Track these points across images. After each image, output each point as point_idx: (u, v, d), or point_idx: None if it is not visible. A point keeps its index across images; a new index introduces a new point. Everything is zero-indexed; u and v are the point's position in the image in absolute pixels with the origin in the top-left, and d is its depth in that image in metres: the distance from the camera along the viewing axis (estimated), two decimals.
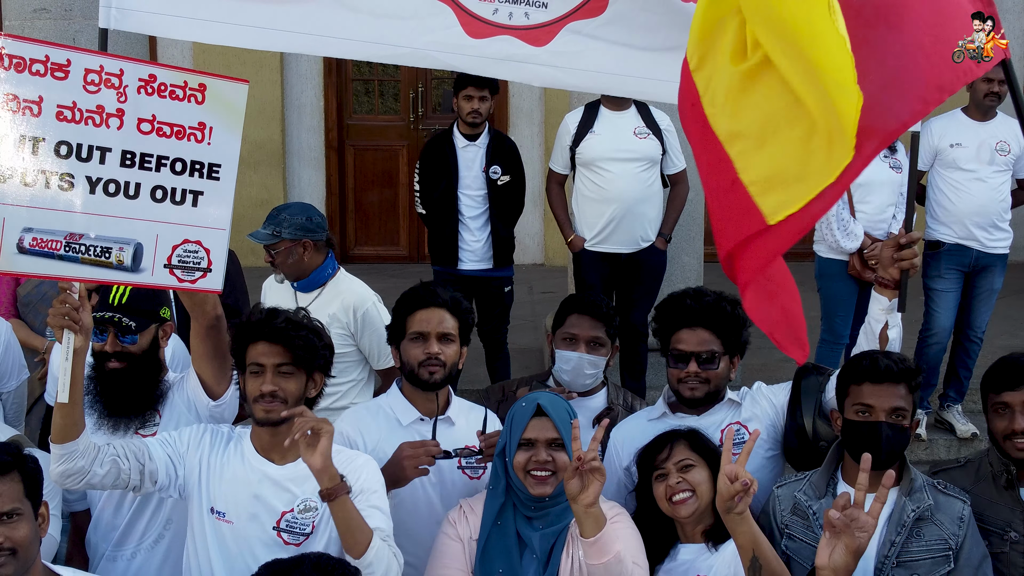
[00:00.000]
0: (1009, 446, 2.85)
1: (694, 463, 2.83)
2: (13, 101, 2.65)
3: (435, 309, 3.09)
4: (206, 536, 2.75)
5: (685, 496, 2.79)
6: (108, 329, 2.98)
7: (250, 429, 2.83)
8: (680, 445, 2.86)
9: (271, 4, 3.01)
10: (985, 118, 5.31)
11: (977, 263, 5.31)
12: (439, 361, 3.04)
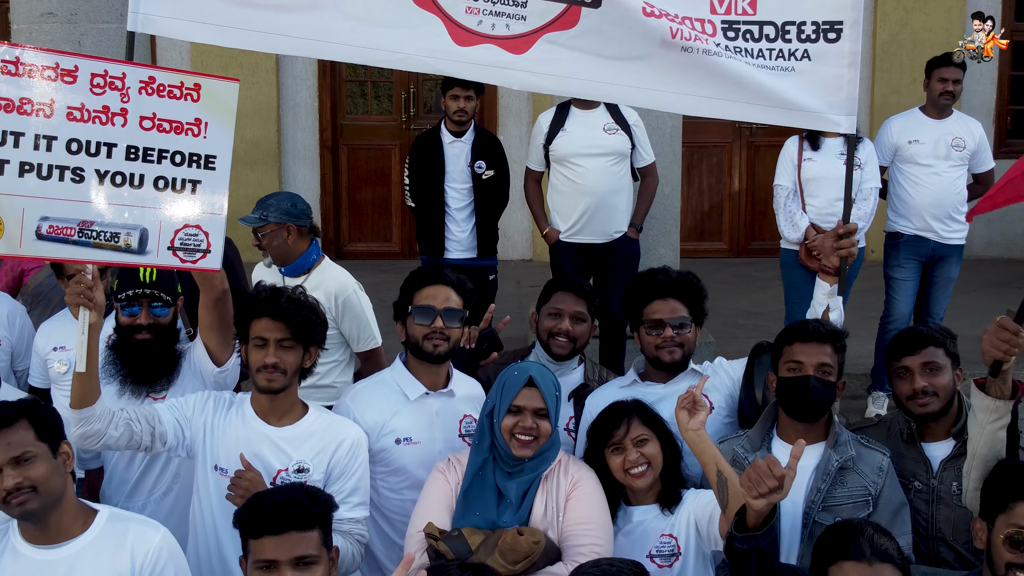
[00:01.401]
0: (912, 405, 3.19)
1: (648, 437, 3.10)
2: (28, 104, 2.98)
3: (441, 286, 3.38)
4: (210, 490, 3.09)
5: (642, 470, 3.06)
6: (142, 304, 3.31)
7: (250, 395, 3.16)
8: (635, 420, 3.11)
9: (279, 12, 3.32)
10: (941, 116, 5.65)
11: (934, 253, 5.64)
12: (444, 335, 3.32)
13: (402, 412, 3.34)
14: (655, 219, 6.01)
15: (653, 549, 3.05)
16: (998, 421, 2.83)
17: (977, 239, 9.48)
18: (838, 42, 3.30)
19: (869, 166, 5.42)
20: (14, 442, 2.57)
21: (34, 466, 2.58)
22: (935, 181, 5.56)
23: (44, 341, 3.92)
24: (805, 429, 3.12)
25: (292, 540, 2.41)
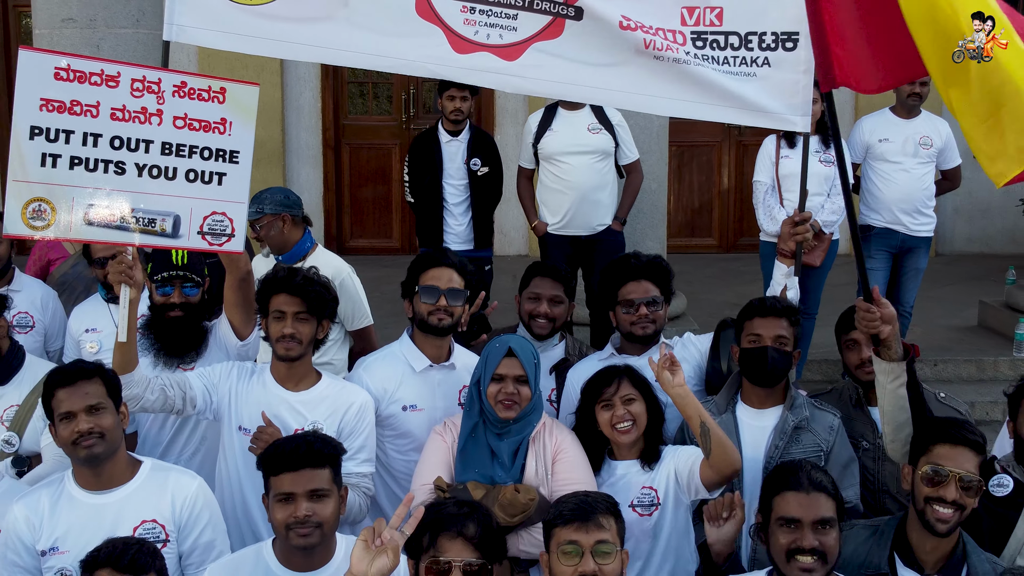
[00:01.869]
0: (859, 373, 3.62)
1: (635, 397, 3.48)
2: (77, 106, 3.40)
3: (445, 268, 3.79)
4: (235, 449, 3.51)
5: (627, 426, 3.46)
6: (174, 284, 3.72)
7: (270, 363, 3.58)
8: (625, 381, 3.51)
9: (296, 23, 3.73)
10: (910, 116, 6.07)
11: (904, 245, 6.07)
12: (447, 312, 3.73)
13: (408, 382, 3.76)
14: (643, 214, 6.42)
15: (635, 499, 3.45)
16: (896, 380, 3.27)
17: (958, 235, 9.94)
18: (795, 51, 3.73)
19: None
20: (90, 393, 3.02)
21: (103, 416, 3.02)
22: (904, 177, 5.99)
23: (77, 324, 4.33)
24: (765, 394, 3.56)
25: (307, 476, 2.83)
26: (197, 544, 3.11)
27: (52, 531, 3.03)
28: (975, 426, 3.06)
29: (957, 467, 2.90)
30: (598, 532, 2.73)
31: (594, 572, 2.71)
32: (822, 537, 2.73)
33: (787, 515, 2.76)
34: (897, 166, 5.98)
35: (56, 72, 3.37)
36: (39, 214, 3.35)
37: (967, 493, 2.90)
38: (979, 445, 2.96)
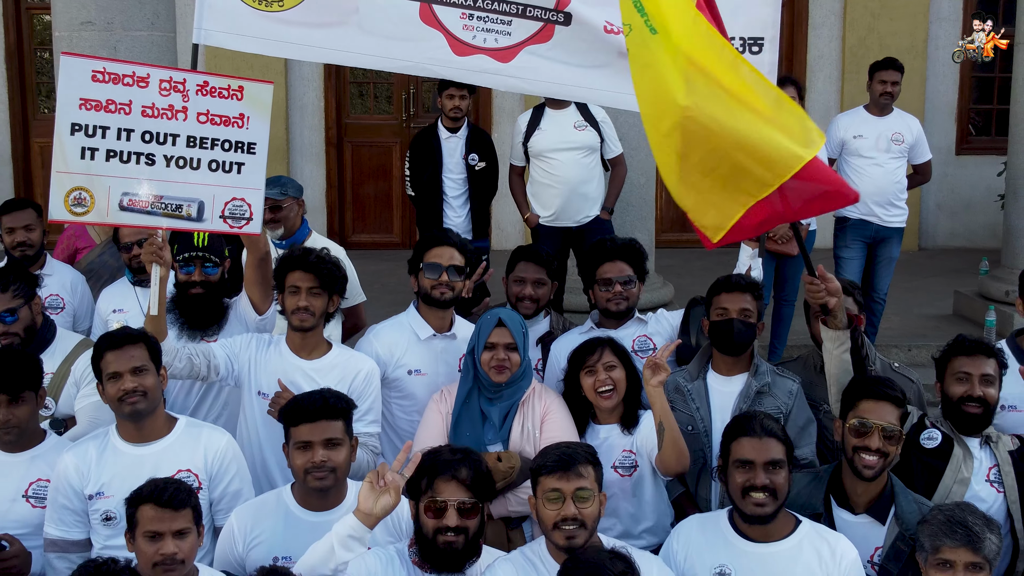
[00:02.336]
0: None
1: (616, 365, 3.90)
2: (111, 104, 3.84)
3: (447, 247, 4.23)
4: (254, 412, 3.95)
5: (608, 391, 3.88)
6: (195, 264, 4.15)
7: (285, 334, 4.02)
8: (607, 350, 3.92)
9: (311, 28, 4.16)
10: (882, 113, 6.51)
11: (877, 235, 6.50)
12: (449, 286, 4.17)
13: (413, 349, 4.20)
14: (632, 207, 6.85)
15: (616, 461, 3.87)
16: (841, 347, 3.70)
17: (941, 230, 10.36)
18: (760, 54, 4.15)
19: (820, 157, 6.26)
20: (135, 356, 3.45)
21: (146, 377, 3.45)
22: (877, 172, 6.42)
23: (105, 304, 4.76)
24: (732, 362, 4.00)
25: (323, 426, 3.26)
26: (226, 492, 3.54)
27: (99, 478, 3.46)
28: (896, 384, 3.49)
29: (879, 419, 3.34)
30: (578, 480, 3.12)
31: (575, 515, 3.09)
32: (772, 476, 3.15)
33: (742, 457, 3.19)
34: (871, 161, 6.41)
35: (93, 74, 3.81)
36: (79, 201, 3.80)
37: (889, 442, 3.33)
38: (899, 400, 3.39)
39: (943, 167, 10.20)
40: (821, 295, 3.62)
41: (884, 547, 3.33)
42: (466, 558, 3.11)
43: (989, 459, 3.65)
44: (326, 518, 3.31)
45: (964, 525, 3.02)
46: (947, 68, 10.05)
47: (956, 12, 10.04)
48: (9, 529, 3.55)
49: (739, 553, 3.21)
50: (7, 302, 4.08)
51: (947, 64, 10.04)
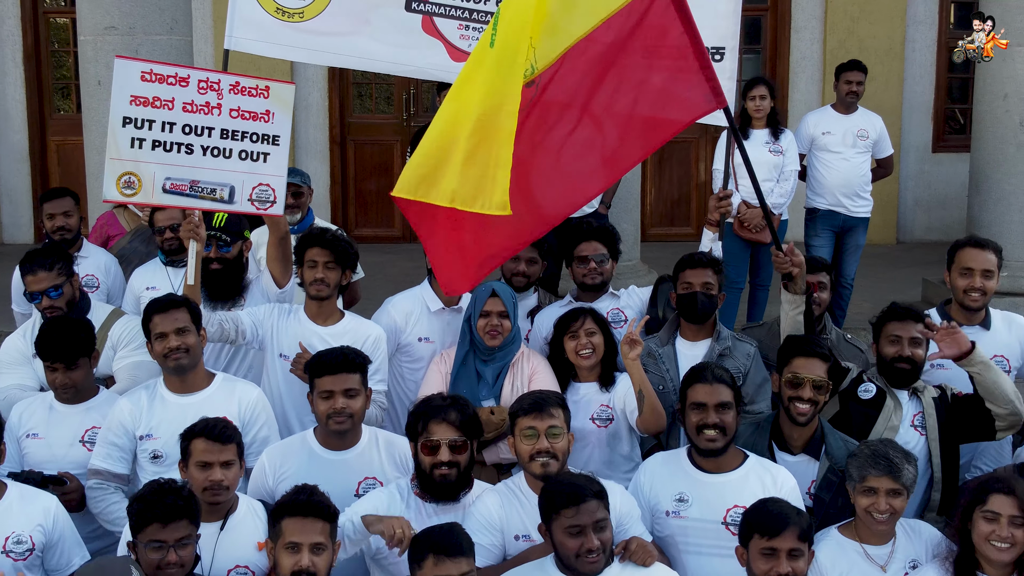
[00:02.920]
0: None
1: (595, 331, 4.52)
2: (157, 101, 4.48)
3: None
4: (276, 372, 4.58)
5: (588, 353, 4.50)
6: (212, 243, 4.77)
7: (304, 303, 4.64)
8: (588, 318, 4.53)
9: (328, 37, 4.79)
10: (848, 112, 7.15)
11: (845, 224, 7.13)
12: None
13: (424, 319, 4.85)
14: (619, 199, 7.47)
15: (594, 414, 4.50)
16: (796, 309, 4.36)
17: (918, 225, 10.96)
18: (722, 61, 4.80)
19: (790, 153, 6.88)
20: (179, 318, 4.08)
21: (188, 336, 4.08)
22: (844, 166, 7.04)
23: (139, 282, 5.37)
24: (697, 329, 4.63)
25: (343, 378, 3.88)
26: (256, 438, 4.16)
27: (148, 422, 4.10)
28: (823, 341, 4.14)
29: (810, 373, 3.97)
30: (550, 419, 3.74)
31: (548, 448, 3.71)
32: (722, 416, 3.78)
33: (696, 400, 3.81)
34: (838, 155, 7.04)
35: (142, 75, 4.46)
36: (129, 184, 4.45)
37: (818, 392, 3.97)
38: (825, 356, 4.04)
39: (920, 164, 10.84)
40: (786, 266, 4.26)
41: (817, 479, 3.96)
42: (459, 489, 3.74)
43: (915, 407, 4.28)
44: (343, 456, 3.97)
45: (886, 457, 3.64)
46: (923, 69, 10.66)
47: (932, 15, 10.63)
48: (67, 469, 4.18)
49: (695, 482, 3.84)
50: (53, 279, 4.70)
51: (923, 65, 10.65)
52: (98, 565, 3.37)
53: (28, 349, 4.72)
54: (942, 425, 4.20)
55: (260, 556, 3.59)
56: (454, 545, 3.27)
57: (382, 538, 3.50)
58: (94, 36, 7.47)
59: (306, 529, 3.32)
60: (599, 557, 3.35)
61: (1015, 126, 7.63)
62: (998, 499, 3.44)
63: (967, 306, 4.61)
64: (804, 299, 4.37)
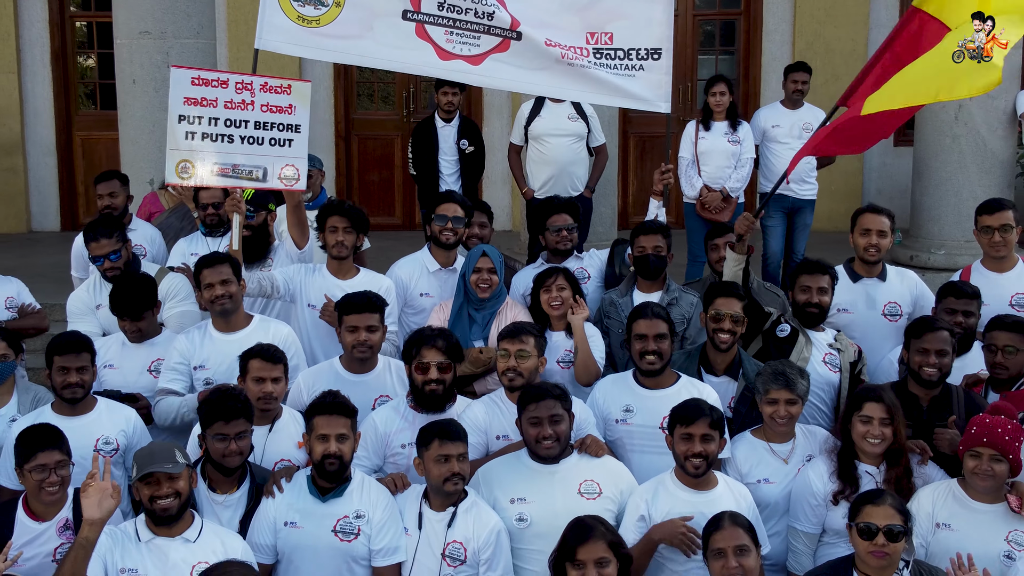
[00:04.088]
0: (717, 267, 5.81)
1: (565, 287, 5.61)
2: (204, 101, 5.64)
3: (451, 203, 6.02)
4: (305, 319, 5.72)
5: (558, 304, 5.58)
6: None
7: (326, 261, 5.79)
8: (560, 276, 5.61)
9: (341, 40, 5.88)
10: (794, 107, 8.31)
11: (794, 206, 8.29)
12: (453, 231, 5.95)
13: (424, 278, 6.01)
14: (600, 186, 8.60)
15: (559, 357, 5.58)
16: (739, 265, 5.50)
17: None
18: (659, 60, 5.97)
19: (747, 143, 8.03)
20: (223, 271, 5.22)
21: (231, 286, 5.23)
22: (791, 155, 8.13)
23: (183, 249, 6.51)
24: (650, 284, 5.79)
25: (366, 316, 5.03)
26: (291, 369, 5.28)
27: (200, 354, 5.26)
28: (739, 286, 5.30)
29: (728, 309, 5.12)
30: (520, 344, 4.88)
31: (515, 367, 4.85)
32: (659, 344, 4.91)
33: (639, 332, 4.95)
34: (786, 146, 8.17)
35: (192, 80, 5.63)
36: (185, 169, 5.62)
37: (736, 324, 5.13)
38: (741, 296, 5.20)
39: (882, 157, 11.98)
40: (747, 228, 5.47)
41: (735, 395, 5.11)
42: (445, 401, 4.87)
43: (827, 348, 5.42)
44: (363, 378, 5.14)
45: (784, 374, 4.77)
46: None
47: (892, 19, 11.70)
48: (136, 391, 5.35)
49: (638, 396, 4.99)
50: (112, 245, 5.85)
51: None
52: (149, 448, 4.41)
53: (92, 301, 5.92)
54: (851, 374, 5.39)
55: (299, 452, 4.73)
56: (453, 431, 4.39)
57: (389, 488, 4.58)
58: (129, 40, 8.59)
59: (332, 423, 4.40)
60: (553, 444, 4.48)
61: (951, 120, 8.82)
62: (871, 405, 4.58)
63: (866, 260, 5.78)
64: (746, 258, 5.52)
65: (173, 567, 4.08)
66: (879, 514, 4.02)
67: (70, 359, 4.85)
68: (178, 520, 4.15)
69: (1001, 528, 4.38)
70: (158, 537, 4.14)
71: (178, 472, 4.11)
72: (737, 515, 4.12)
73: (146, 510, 4.15)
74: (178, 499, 4.12)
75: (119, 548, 4.11)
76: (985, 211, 5.95)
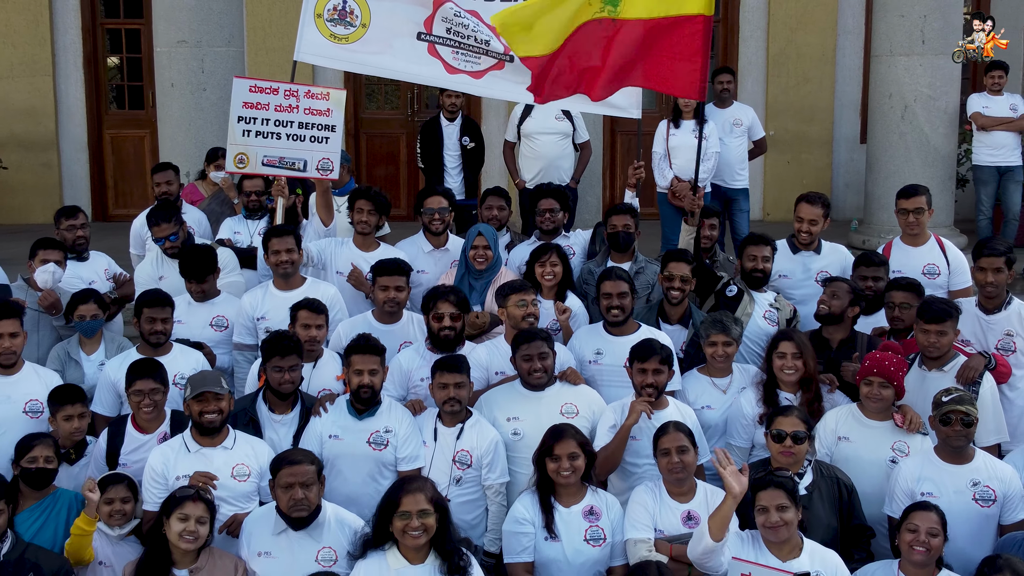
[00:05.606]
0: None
1: (557, 263, 7.04)
2: (259, 104, 7.18)
3: (437, 196, 7.55)
4: (334, 284, 7.20)
5: (550, 278, 7.02)
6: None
7: (352, 236, 7.29)
8: (554, 253, 7.02)
9: (366, 54, 7.41)
10: (724, 106, 9.81)
11: (728, 195, 9.75)
12: (442, 220, 7.46)
13: (420, 257, 7.48)
14: (586, 176, 10.12)
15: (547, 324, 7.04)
16: (690, 235, 7.06)
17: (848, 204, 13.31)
18: None
19: (712, 139, 9.46)
20: (288, 242, 6.75)
21: (293, 254, 6.76)
22: (724, 149, 9.60)
23: (229, 227, 8.04)
24: (621, 256, 7.28)
25: (395, 278, 6.54)
26: (333, 320, 6.72)
27: (262, 308, 6.77)
28: (689, 253, 6.80)
29: (678, 272, 6.64)
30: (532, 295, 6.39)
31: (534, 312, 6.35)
32: (623, 301, 6.40)
33: (605, 291, 6.45)
34: (720, 142, 9.61)
35: (250, 88, 7.17)
36: (241, 161, 7.16)
37: (684, 283, 6.64)
38: (689, 260, 6.71)
39: (850, 153, 13.44)
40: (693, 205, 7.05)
41: (686, 341, 6.61)
42: (455, 344, 6.34)
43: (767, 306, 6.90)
44: (391, 328, 6.64)
45: (721, 321, 6.27)
46: (851, 72, 13.26)
47: (859, 26, 13.18)
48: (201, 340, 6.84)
49: (607, 341, 6.50)
50: (171, 228, 7.35)
51: (851, 69, 13.26)
52: (201, 374, 5.77)
53: (155, 273, 7.40)
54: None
55: (337, 384, 6.22)
56: (450, 365, 5.86)
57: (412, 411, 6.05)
58: (168, 48, 10.03)
59: (366, 360, 5.85)
60: (541, 375, 5.96)
61: (897, 119, 10.30)
62: (784, 344, 6.08)
63: (800, 242, 7.27)
64: (696, 229, 7.07)
65: (216, 470, 5.48)
66: (787, 423, 5.49)
67: (156, 311, 6.33)
68: (219, 432, 5.59)
69: (888, 439, 5.85)
70: (203, 448, 5.56)
71: (223, 393, 5.55)
72: (679, 423, 5.58)
73: (194, 423, 5.57)
74: (220, 415, 5.55)
75: (171, 461, 5.51)
76: (902, 196, 7.46)
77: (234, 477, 5.44)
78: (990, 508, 5.46)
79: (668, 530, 5.36)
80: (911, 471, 5.54)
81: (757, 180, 12.06)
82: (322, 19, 7.43)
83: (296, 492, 4.98)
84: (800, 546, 5.02)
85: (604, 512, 5.42)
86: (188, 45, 9.93)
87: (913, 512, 5.04)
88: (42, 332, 6.84)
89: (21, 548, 5.00)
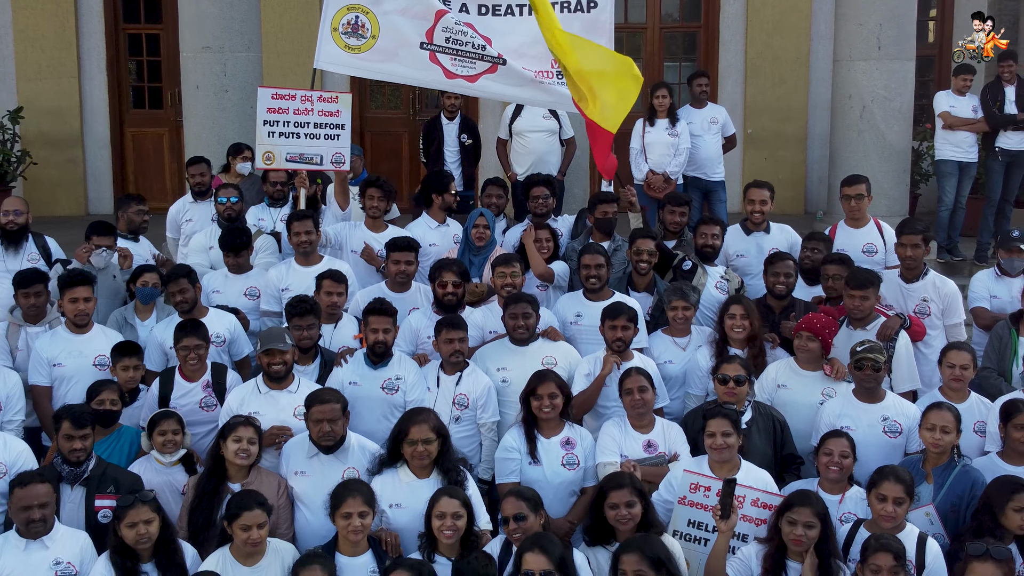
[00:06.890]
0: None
1: (550, 239, 8.47)
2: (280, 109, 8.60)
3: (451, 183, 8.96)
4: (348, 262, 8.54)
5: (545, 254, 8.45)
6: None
7: (364, 220, 8.64)
8: (544, 230, 8.47)
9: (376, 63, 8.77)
10: (701, 106, 11.11)
11: (707, 187, 11.05)
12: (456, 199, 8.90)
13: (428, 233, 8.86)
14: (572, 170, 11.42)
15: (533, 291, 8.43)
16: (638, 221, 8.45)
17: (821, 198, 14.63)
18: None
19: (683, 136, 10.77)
20: (308, 224, 8.11)
21: (312, 235, 8.11)
22: (702, 144, 10.90)
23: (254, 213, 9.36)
24: (603, 236, 8.59)
25: (406, 254, 7.88)
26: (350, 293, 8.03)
27: (287, 280, 8.11)
28: (653, 231, 8.12)
29: (644, 247, 7.97)
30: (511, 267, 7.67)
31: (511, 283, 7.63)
32: (599, 272, 7.72)
33: (584, 263, 7.78)
34: (698, 138, 10.92)
35: (272, 95, 8.58)
36: (268, 158, 8.57)
37: (651, 256, 7.97)
38: (653, 237, 8.04)
39: (822, 149, 14.59)
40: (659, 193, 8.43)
41: (652, 306, 7.94)
42: (456, 308, 7.64)
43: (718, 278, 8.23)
44: (402, 296, 7.94)
45: (680, 289, 7.60)
46: (824, 75, 14.40)
47: (831, 31, 14.35)
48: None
49: (586, 306, 7.82)
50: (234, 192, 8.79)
51: (824, 71, 14.43)
52: (269, 331, 7.05)
53: (207, 243, 8.81)
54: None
55: (354, 342, 7.54)
56: (453, 323, 7.17)
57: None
58: (193, 53, 11.31)
59: (380, 320, 7.16)
60: (524, 331, 7.29)
61: (856, 118, 11.63)
62: (734, 307, 7.40)
63: (753, 222, 8.61)
64: (640, 216, 8.53)
65: (281, 409, 6.79)
66: (730, 368, 6.81)
67: (171, 286, 7.64)
68: (284, 379, 6.89)
69: (819, 386, 7.16)
70: (272, 390, 6.87)
71: (286, 349, 6.86)
72: (640, 368, 6.90)
73: (264, 372, 6.88)
74: (285, 366, 6.85)
75: (245, 399, 6.81)
76: (845, 184, 8.81)
77: (296, 416, 6.69)
78: (897, 439, 6.76)
79: (632, 455, 6.64)
80: (833, 409, 6.85)
81: (736, 175, 13.24)
82: (338, 32, 8.78)
83: (324, 426, 6.26)
84: (739, 466, 6.31)
85: (579, 442, 6.72)
86: (211, 51, 11.22)
87: (828, 439, 6.33)
88: (100, 301, 8.15)
89: (102, 467, 6.30)
